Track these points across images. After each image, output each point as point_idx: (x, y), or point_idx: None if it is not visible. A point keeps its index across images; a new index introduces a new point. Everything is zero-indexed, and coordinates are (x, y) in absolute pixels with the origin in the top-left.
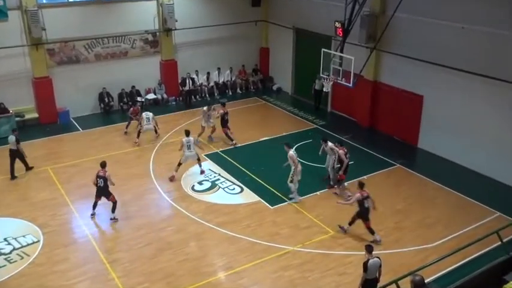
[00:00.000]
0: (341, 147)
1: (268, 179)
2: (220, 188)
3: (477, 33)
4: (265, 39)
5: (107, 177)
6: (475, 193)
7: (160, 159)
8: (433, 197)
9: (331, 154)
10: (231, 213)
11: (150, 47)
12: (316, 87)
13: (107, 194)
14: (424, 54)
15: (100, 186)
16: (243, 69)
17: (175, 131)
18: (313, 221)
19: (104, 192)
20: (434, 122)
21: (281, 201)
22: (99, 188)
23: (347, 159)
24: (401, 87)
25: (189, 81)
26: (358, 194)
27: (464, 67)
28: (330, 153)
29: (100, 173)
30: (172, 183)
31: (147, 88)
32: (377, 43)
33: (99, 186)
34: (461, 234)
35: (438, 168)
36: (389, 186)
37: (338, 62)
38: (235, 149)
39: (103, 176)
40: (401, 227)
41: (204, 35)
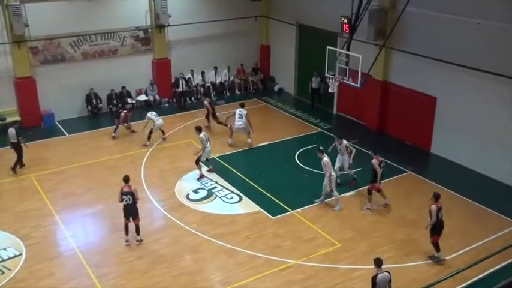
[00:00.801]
0: (375, 156)
1: (269, 187)
2: (217, 196)
3: (494, 30)
4: (266, 36)
5: (134, 192)
6: (492, 202)
7: (152, 166)
8: (447, 206)
9: (343, 153)
10: (228, 224)
11: (141, 44)
12: (313, 85)
13: (136, 213)
14: (437, 52)
15: (128, 204)
16: (241, 68)
17: (168, 135)
18: (318, 233)
19: (133, 211)
20: (448, 126)
21: (283, 211)
22: (127, 206)
23: (381, 169)
24: (413, 87)
25: (182, 81)
26: (434, 206)
27: (481, 66)
28: (343, 151)
29: (125, 189)
30: (165, 192)
31: (138, 89)
32: (386, 40)
33: (126, 204)
34: (477, 247)
35: (452, 175)
36: (400, 195)
37: (344, 61)
38: (233, 155)
39: (129, 192)
40: (413, 239)
41: (200, 32)
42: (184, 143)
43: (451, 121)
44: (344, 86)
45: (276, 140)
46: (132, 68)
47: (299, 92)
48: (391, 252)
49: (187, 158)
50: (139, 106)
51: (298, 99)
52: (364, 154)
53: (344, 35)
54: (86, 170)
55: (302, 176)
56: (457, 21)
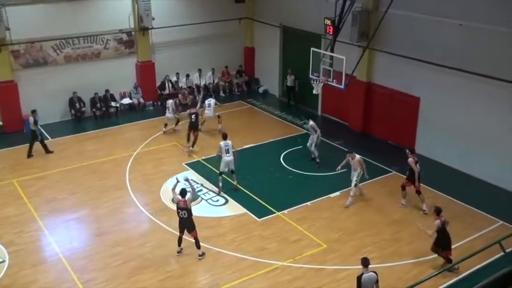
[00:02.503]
0: (411, 155)
1: (255, 189)
2: (203, 199)
3: (476, 31)
4: (250, 38)
5: (189, 207)
6: (476, 201)
7: (137, 170)
8: (431, 205)
9: (356, 168)
10: (214, 227)
11: (124, 47)
12: (288, 83)
13: (191, 226)
14: (421, 53)
15: (183, 218)
16: (226, 70)
17: (153, 138)
18: (304, 234)
19: (188, 224)
20: (431, 126)
21: (269, 213)
22: (182, 219)
23: (418, 168)
24: (396, 88)
25: (169, 84)
26: (437, 221)
27: (464, 67)
28: (356, 167)
29: (180, 204)
30: (150, 196)
31: (122, 92)
32: (370, 41)
33: (181, 218)
34: (462, 245)
35: (436, 174)
36: (385, 195)
37: (328, 62)
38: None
39: (185, 208)
40: (398, 238)
41: (184, 34)
42: (169, 146)
43: (434, 121)
44: (328, 87)
45: (261, 142)
46: (115, 71)
47: (284, 93)
48: (376, 252)
49: (172, 161)
50: (124, 109)
51: (283, 100)
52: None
53: (328, 37)
54: (69, 174)
55: (287, 178)
56: (439, 23)
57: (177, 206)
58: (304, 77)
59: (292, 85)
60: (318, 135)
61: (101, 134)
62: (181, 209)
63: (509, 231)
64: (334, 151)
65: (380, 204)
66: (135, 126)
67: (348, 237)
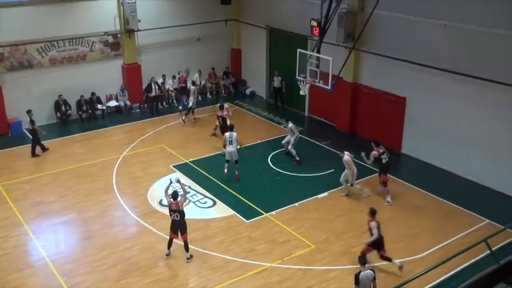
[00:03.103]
0: (376, 148)
1: (243, 190)
2: (191, 201)
3: (461, 31)
4: (237, 39)
5: (182, 209)
6: (462, 200)
7: (124, 172)
8: (418, 205)
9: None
10: (202, 229)
11: (110, 49)
12: (274, 85)
13: (184, 228)
14: (406, 53)
15: (176, 220)
16: (213, 72)
17: (140, 140)
18: (292, 235)
19: (181, 226)
20: (418, 126)
21: (257, 214)
22: (175, 221)
23: (385, 158)
24: (383, 89)
25: (155, 86)
26: (373, 223)
27: (449, 67)
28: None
29: (173, 206)
30: (138, 198)
31: (108, 95)
32: (356, 42)
33: (174, 220)
34: (449, 244)
35: (423, 174)
36: (372, 195)
37: (315, 63)
38: (206, 159)
39: (177, 210)
40: (386, 237)
41: (170, 36)
42: (156, 149)
43: (420, 121)
44: (315, 88)
45: (249, 144)
46: (101, 74)
47: (271, 95)
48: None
49: (160, 163)
50: (110, 112)
51: (270, 102)
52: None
53: (314, 38)
54: (56, 178)
55: (275, 179)
56: (425, 23)
57: (169, 209)
58: (291, 79)
59: (279, 86)
60: (296, 137)
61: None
62: (173, 211)
63: (496, 229)
64: (321, 152)
65: (368, 204)
66: (121, 128)
67: (336, 238)
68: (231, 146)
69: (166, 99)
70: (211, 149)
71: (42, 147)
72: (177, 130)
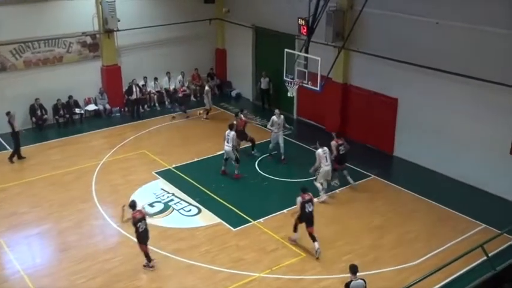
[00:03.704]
0: (336, 139)
1: (229, 197)
2: (175, 209)
3: (454, 30)
4: (221, 39)
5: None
6: (457, 204)
7: (103, 180)
8: (412, 210)
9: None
10: (187, 238)
11: (89, 50)
12: (262, 86)
13: (147, 239)
14: (397, 52)
15: (144, 230)
16: (196, 73)
17: (120, 146)
18: (281, 243)
19: (147, 237)
20: (410, 127)
21: (244, 222)
22: (145, 231)
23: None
24: (374, 89)
25: (136, 89)
26: (299, 198)
27: (442, 66)
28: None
29: (138, 215)
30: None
31: (87, 98)
32: (345, 42)
33: (143, 231)
34: (444, 250)
35: (417, 178)
36: (364, 200)
37: (303, 64)
38: (190, 165)
39: (143, 217)
40: (379, 244)
41: (151, 36)
42: (137, 155)
43: (412, 122)
44: (303, 89)
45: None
46: (79, 76)
47: (258, 97)
48: (356, 260)
49: (142, 170)
50: (88, 116)
51: (257, 104)
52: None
53: (302, 37)
54: (30, 186)
55: (262, 185)
56: (416, 21)
57: (134, 221)
58: (278, 80)
59: (267, 88)
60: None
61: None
62: (139, 221)
63: (492, 234)
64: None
65: (360, 210)
66: (100, 133)
67: (328, 245)
68: (227, 145)
69: (148, 103)
70: (196, 154)
71: (19, 154)
72: (160, 134)
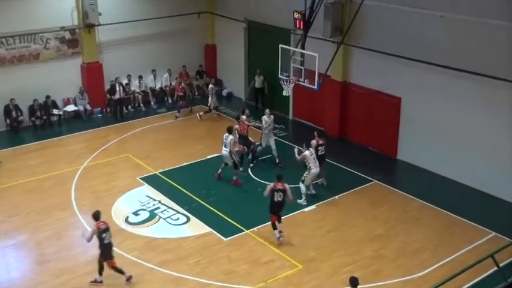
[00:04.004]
0: (316, 138)
1: (220, 204)
2: (161, 218)
3: (461, 23)
4: (211, 34)
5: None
6: (465, 211)
7: (84, 186)
8: (417, 217)
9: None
10: (175, 249)
11: (67, 47)
12: (256, 85)
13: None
14: (400, 48)
15: (109, 243)
16: (184, 71)
17: (102, 150)
18: (277, 254)
19: (112, 250)
20: (415, 129)
21: (237, 231)
22: (109, 244)
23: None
24: (375, 88)
25: (120, 88)
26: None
27: (449, 63)
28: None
29: (103, 226)
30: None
31: (66, 98)
32: (344, 36)
33: (109, 244)
34: (451, 260)
35: (422, 183)
36: (365, 207)
37: (299, 60)
38: (178, 170)
39: (107, 228)
40: (381, 255)
41: (135, 31)
42: (120, 159)
43: (418, 124)
44: (300, 88)
45: None
46: (57, 75)
47: (251, 96)
48: (358, 272)
49: (125, 175)
50: (68, 118)
51: (250, 104)
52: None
53: (298, 32)
54: (5, 194)
55: (256, 191)
56: (419, 14)
57: (98, 232)
58: (272, 78)
59: (261, 87)
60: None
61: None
62: (104, 232)
63: (503, 243)
64: None
65: (360, 218)
66: (81, 136)
67: (326, 256)
68: (224, 149)
69: (132, 103)
70: (185, 158)
71: None
72: (145, 137)
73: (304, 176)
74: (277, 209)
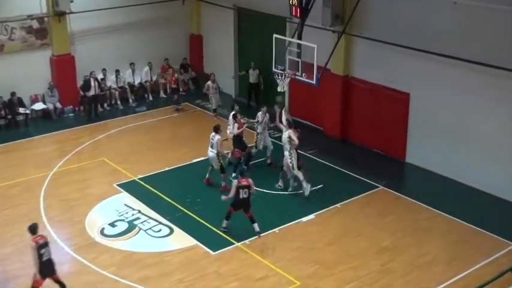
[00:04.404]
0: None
1: (208, 214)
2: (141, 229)
3: (477, 10)
4: (197, 23)
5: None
6: (483, 220)
7: (54, 194)
8: (428, 227)
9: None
10: (157, 265)
11: (35, 37)
12: (250, 80)
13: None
14: (409, 38)
15: (48, 259)
16: (166, 64)
17: (75, 153)
18: (271, 269)
19: (53, 268)
20: (425, 128)
21: (226, 244)
22: (49, 262)
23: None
24: (381, 82)
25: (95, 83)
26: (235, 182)
27: (463, 55)
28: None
29: (41, 241)
30: (73, 227)
31: (33, 95)
32: (346, 25)
33: (48, 260)
34: (467, 275)
35: (433, 189)
36: (371, 216)
37: (296, 52)
38: (160, 175)
39: (47, 243)
40: (389, 269)
41: (111, 20)
42: (95, 163)
43: (428, 122)
44: (296, 83)
45: None
46: (24, 69)
47: (241, 92)
48: None
49: (101, 182)
50: (36, 117)
51: (241, 101)
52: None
53: (294, 20)
54: None
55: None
56: (430, 0)
57: (37, 247)
58: (266, 71)
59: (256, 82)
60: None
61: (6, 150)
62: (43, 247)
63: None
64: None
65: (365, 228)
66: (50, 138)
67: (327, 271)
68: (210, 150)
69: (108, 100)
70: (167, 162)
71: None
72: (123, 139)
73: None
74: (242, 207)
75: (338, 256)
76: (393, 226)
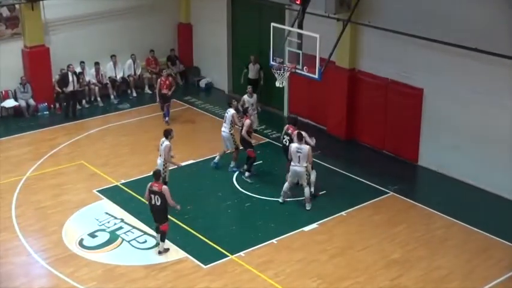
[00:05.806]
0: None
1: (199, 223)
2: (125, 240)
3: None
4: (186, 11)
5: None
6: (504, 229)
7: (28, 201)
8: (443, 238)
9: None
10: (142, 279)
11: (5, 27)
12: (249, 75)
13: None
14: (423, 27)
15: None
16: (152, 56)
17: (50, 155)
18: (269, 284)
19: None
20: (440, 127)
21: (219, 256)
22: None
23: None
24: (391, 77)
25: (73, 78)
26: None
27: (482, 46)
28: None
29: None
30: (48, 238)
31: (3, 91)
32: (352, 13)
33: None
34: None
35: (449, 194)
36: (379, 225)
37: (296, 43)
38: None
39: None
40: (399, 285)
41: (90, 7)
42: (73, 167)
43: (444, 121)
44: (297, 77)
45: (206, 157)
46: None
47: (235, 87)
48: None
49: (79, 187)
50: (6, 115)
51: (235, 98)
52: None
53: (294, 8)
54: None
55: (243, 206)
56: None
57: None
58: (262, 64)
59: (256, 78)
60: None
61: None
62: None
63: None
64: None
65: (374, 239)
66: (23, 139)
67: (331, 287)
68: (159, 158)
69: (86, 97)
70: (151, 166)
71: None
72: (103, 139)
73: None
74: (155, 216)
75: (343, 270)
76: (404, 236)
